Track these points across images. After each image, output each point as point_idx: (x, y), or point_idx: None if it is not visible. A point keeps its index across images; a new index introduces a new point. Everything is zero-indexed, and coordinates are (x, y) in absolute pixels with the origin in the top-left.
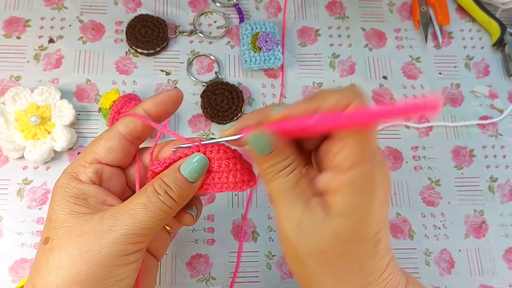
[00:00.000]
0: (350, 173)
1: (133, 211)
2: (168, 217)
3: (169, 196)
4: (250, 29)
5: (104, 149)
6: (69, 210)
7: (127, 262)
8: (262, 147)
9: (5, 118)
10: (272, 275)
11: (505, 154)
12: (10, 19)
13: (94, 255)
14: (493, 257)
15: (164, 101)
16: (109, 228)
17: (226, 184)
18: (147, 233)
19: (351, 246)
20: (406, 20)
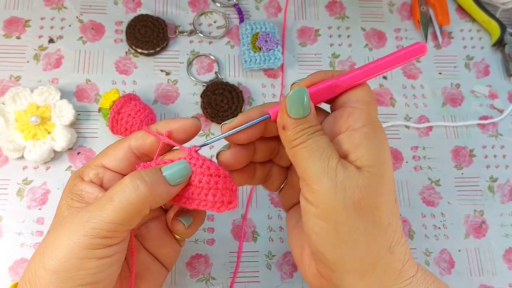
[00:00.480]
0: (365, 129)
1: (102, 204)
2: (137, 212)
3: (138, 188)
4: (250, 29)
5: (110, 156)
6: (66, 204)
7: (97, 256)
8: (302, 107)
9: (5, 118)
10: (272, 275)
11: (505, 154)
12: (10, 19)
13: (66, 246)
14: (493, 257)
15: (178, 129)
16: (81, 221)
17: (204, 201)
18: (115, 229)
19: (380, 199)
20: (406, 20)
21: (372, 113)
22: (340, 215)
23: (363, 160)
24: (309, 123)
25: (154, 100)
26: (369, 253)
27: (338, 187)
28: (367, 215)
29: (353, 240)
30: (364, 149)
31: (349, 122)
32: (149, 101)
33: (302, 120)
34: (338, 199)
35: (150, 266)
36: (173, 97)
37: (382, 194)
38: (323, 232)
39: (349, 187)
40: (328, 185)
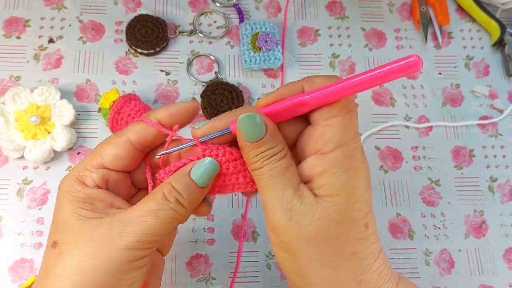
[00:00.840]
0: (334, 153)
1: (144, 218)
2: (178, 223)
3: (180, 203)
4: (250, 29)
5: (111, 156)
6: (77, 214)
7: (137, 267)
8: (254, 132)
9: (5, 118)
10: (272, 275)
11: (505, 154)
12: (10, 19)
13: (104, 261)
14: (493, 257)
15: (179, 113)
16: (119, 234)
17: (237, 184)
18: (157, 240)
19: (342, 228)
20: (406, 20)
21: (346, 131)
22: (296, 247)
23: (325, 189)
24: (264, 147)
25: (154, 100)
26: (330, 283)
27: (293, 221)
28: (326, 246)
29: (312, 271)
30: (328, 178)
31: (318, 144)
32: (149, 101)
33: (256, 144)
34: (292, 231)
35: (154, 261)
36: (173, 97)
37: (344, 224)
38: (285, 260)
39: (303, 221)
40: (282, 218)
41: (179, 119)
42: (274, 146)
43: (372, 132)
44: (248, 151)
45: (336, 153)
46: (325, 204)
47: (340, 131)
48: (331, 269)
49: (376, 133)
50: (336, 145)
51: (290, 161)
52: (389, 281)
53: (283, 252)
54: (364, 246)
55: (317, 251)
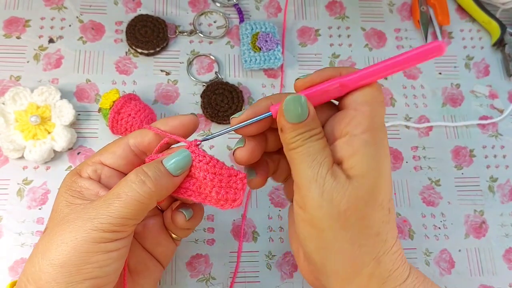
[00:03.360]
0: (365, 136)
1: (109, 200)
2: (144, 207)
3: (144, 183)
4: (250, 29)
5: (108, 153)
6: (66, 201)
7: (105, 250)
8: (298, 113)
9: (5, 118)
10: (272, 275)
11: (505, 154)
12: (10, 19)
13: (72, 240)
14: (493, 257)
15: (177, 126)
16: (88, 217)
17: (209, 197)
18: (123, 223)
19: (369, 209)
20: (406, 20)
21: (376, 117)
22: (325, 223)
23: (356, 169)
24: (305, 128)
25: (154, 100)
26: (353, 260)
27: (325, 196)
28: (353, 225)
29: (337, 246)
30: (358, 159)
31: (349, 127)
32: (149, 101)
33: (298, 125)
34: (323, 207)
35: (147, 263)
36: (173, 97)
37: (372, 205)
38: (310, 236)
39: (335, 197)
40: (315, 193)
41: (176, 131)
42: (315, 128)
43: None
44: (289, 131)
45: (367, 135)
46: (356, 184)
47: (371, 116)
48: (356, 247)
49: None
50: (367, 128)
51: (326, 142)
52: (404, 265)
53: (309, 227)
54: (386, 229)
55: (345, 228)
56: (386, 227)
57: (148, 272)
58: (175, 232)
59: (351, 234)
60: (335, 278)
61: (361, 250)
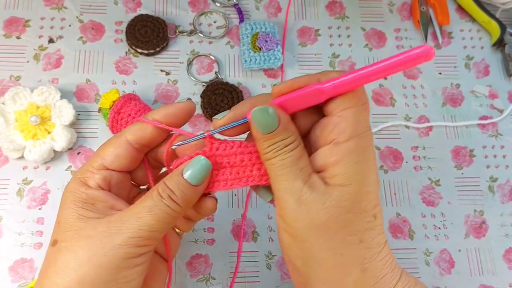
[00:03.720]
0: (348, 143)
1: (139, 214)
2: (173, 220)
3: (173, 200)
4: (250, 29)
5: (111, 156)
6: (77, 214)
7: (134, 264)
8: (267, 124)
9: (5, 118)
10: (272, 275)
11: (505, 154)
12: (10, 19)
13: (101, 257)
14: (493, 257)
15: (175, 113)
16: (116, 231)
17: (251, 177)
18: (153, 236)
19: (352, 217)
20: (406, 20)
21: (360, 123)
22: (305, 234)
23: (338, 178)
24: (276, 138)
25: (154, 100)
26: (336, 268)
27: (302, 208)
28: (334, 233)
29: (319, 256)
30: (341, 168)
31: (333, 135)
32: (149, 101)
33: (269, 135)
34: (301, 219)
35: (157, 265)
36: (173, 97)
37: (354, 213)
38: (292, 246)
39: (313, 208)
40: (292, 205)
41: (174, 119)
42: (286, 137)
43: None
44: (261, 142)
45: (350, 143)
46: (337, 193)
47: (355, 122)
48: (338, 256)
49: (376, 133)
50: (350, 136)
51: (301, 151)
52: (393, 271)
53: (291, 238)
54: (371, 236)
55: (325, 238)
56: (370, 233)
57: (158, 275)
58: (179, 227)
59: (333, 243)
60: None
61: (344, 258)
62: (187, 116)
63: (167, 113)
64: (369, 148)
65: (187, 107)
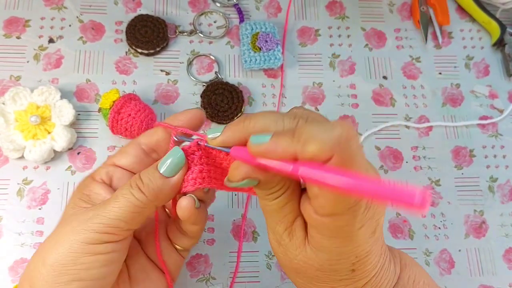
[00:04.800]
0: (324, 219)
1: (106, 202)
2: (140, 211)
3: (139, 189)
4: (250, 29)
5: (120, 153)
6: (73, 204)
7: (95, 251)
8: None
9: (5, 118)
10: (272, 275)
11: (505, 154)
12: (10, 19)
13: (66, 240)
14: (493, 257)
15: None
16: (84, 218)
17: None
18: (116, 225)
19: (321, 274)
20: (406, 20)
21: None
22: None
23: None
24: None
25: (154, 100)
26: None
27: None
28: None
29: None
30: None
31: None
32: (149, 101)
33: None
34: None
35: (150, 273)
36: (173, 97)
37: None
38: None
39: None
40: (273, 243)
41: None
42: (270, 188)
43: (372, 132)
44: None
45: (327, 219)
46: (309, 252)
47: (334, 202)
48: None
49: (376, 133)
50: (327, 214)
51: (287, 198)
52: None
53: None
54: (345, 283)
55: (299, 278)
56: (344, 282)
57: (149, 282)
58: (178, 243)
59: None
60: None
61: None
62: (197, 125)
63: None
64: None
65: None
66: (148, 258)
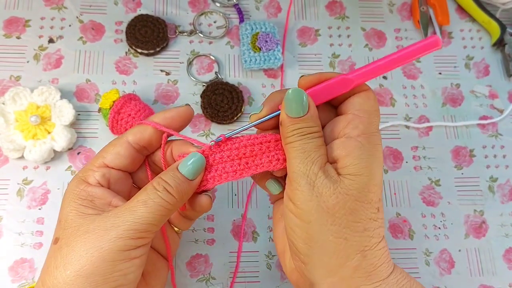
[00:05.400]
0: (360, 139)
1: (134, 208)
2: (168, 213)
3: (167, 191)
4: (250, 29)
5: (112, 155)
6: (76, 211)
7: (130, 257)
8: (297, 108)
9: (5, 118)
10: (272, 275)
11: (505, 154)
12: (10, 19)
13: (98, 250)
14: (493, 257)
15: (173, 117)
16: (111, 225)
17: (261, 164)
18: (147, 229)
19: (359, 205)
20: (406, 20)
21: (371, 124)
22: (312, 216)
23: (348, 168)
24: (303, 124)
25: (154, 100)
26: (338, 252)
27: (314, 191)
28: (340, 219)
29: (323, 239)
30: (352, 159)
31: (346, 129)
32: (149, 101)
33: (297, 119)
34: (312, 201)
35: (156, 263)
36: (173, 97)
37: (361, 202)
38: (297, 228)
39: (325, 192)
40: (305, 188)
41: (173, 122)
42: (313, 125)
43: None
44: (287, 125)
45: (362, 138)
46: (347, 182)
47: (367, 121)
48: (342, 240)
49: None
50: (362, 132)
51: (322, 142)
52: (389, 262)
53: (297, 219)
54: (374, 226)
55: (331, 221)
56: (373, 224)
57: (158, 272)
58: (177, 225)
59: (337, 227)
60: (319, 269)
61: (346, 243)
62: (185, 120)
63: (166, 116)
64: (378, 147)
65: (186, 112)
66: (153, 250)
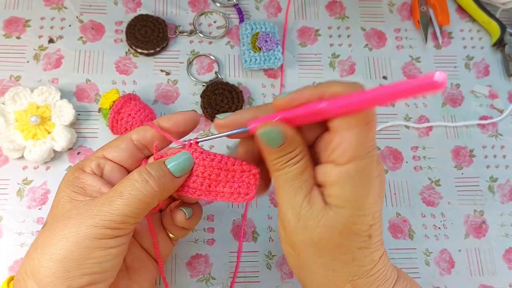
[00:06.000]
0: (347, 167)
1: (111, 198)
2: (146, 206)
3: (148, 183)
4: (250, 29)
5: (111, 147)
6: (68, 197)
7: (105, 246)
8: (274, 141)
9: (5, 118)
10: (272, 275)
11: (505, 154)
12: (10, 19)
13: (74, 235)
14: (493, 257)
15: (178, 121)
16: (90, 213)
17: (221, 193)
18: (124, 221)
19: (344, 238)
20: (406, 20)
21: (363, 144)
22: (301, 247)
23: (334, 199)
24: (282, 152)
25: (154, 100)
26: (327, 282)
27: (300, 223)
28: (328, 252)
29: (313, 269)
30: (338, 190)
31: (333, 155)
32: (149, 101)
33: (275, 150)
34: (299, 233)
35: (144, 261)
36: (173, 97)
37: (346, 234)
38: (290, 256)
39: (310, 225)
40: (292, 219)
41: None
42: (291, 151)
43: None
44: (268, 155)
45: (349, 166)
46: (331, 214)
47: (355, 145)
48: (330, 271)
49: (376, 133)
50: (349, 159)
51: (306, 164)
52: (387, 281)
53: (289, 248)
54: (364, 254)
55: (318, 254)
56: (363, 252)
57: (145, 270)
58: (172, 232)
59: (326, 259)
60: None
61: (335, 274)
62: (190, 126)
63: (174, 121)
64: (369, 171)
65: (191, 117)
66: (142, 248)
